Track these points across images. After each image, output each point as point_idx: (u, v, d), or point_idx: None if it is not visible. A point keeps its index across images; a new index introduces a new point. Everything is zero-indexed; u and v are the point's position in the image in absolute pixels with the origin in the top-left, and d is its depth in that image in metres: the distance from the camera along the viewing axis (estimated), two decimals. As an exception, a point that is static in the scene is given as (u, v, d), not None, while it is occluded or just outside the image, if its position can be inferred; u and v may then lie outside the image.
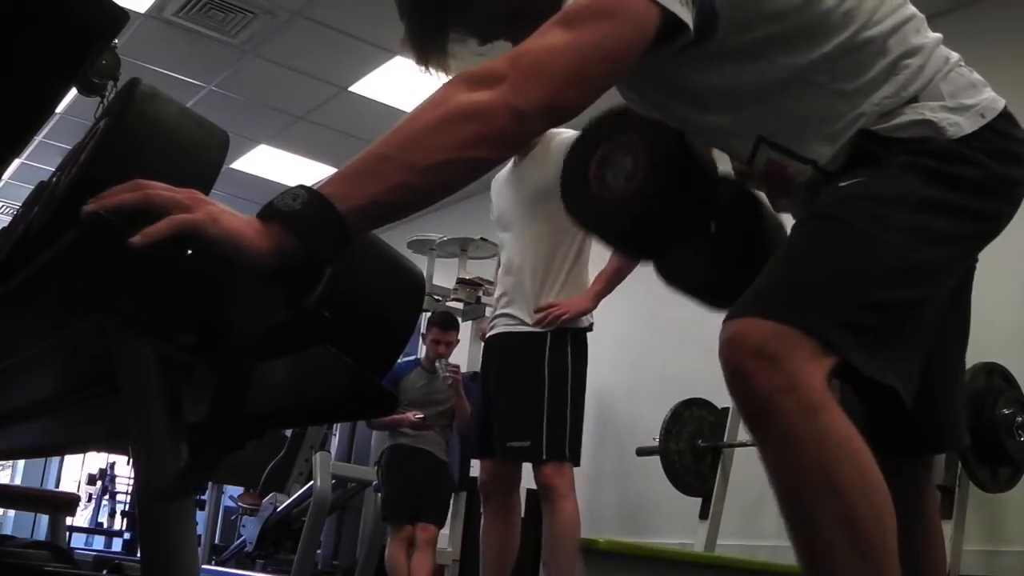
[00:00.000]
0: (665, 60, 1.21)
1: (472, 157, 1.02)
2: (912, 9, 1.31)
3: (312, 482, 4.74)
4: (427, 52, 1.31)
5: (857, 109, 1.23)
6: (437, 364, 4.35)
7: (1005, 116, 1.26)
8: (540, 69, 1.06)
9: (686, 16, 1.14)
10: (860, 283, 1.14)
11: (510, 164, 3.28)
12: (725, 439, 4.20)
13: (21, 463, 10.37)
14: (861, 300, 1.13)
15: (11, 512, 9.17)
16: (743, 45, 1.23)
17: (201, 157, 1.01)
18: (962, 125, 1.21)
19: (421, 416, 4.35)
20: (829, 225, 1.19)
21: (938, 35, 1.31)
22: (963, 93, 1.24)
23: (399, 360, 3.06)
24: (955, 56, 1.30)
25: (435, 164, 0.99)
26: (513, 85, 1.04)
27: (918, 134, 1.21)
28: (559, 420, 3.02)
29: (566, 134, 2.96)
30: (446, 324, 4.45)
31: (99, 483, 9.57)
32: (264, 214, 0.91)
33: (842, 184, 1.21)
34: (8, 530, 8.54)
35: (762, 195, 1.53)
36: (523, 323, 3.11)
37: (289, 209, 0.91)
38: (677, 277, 1.58)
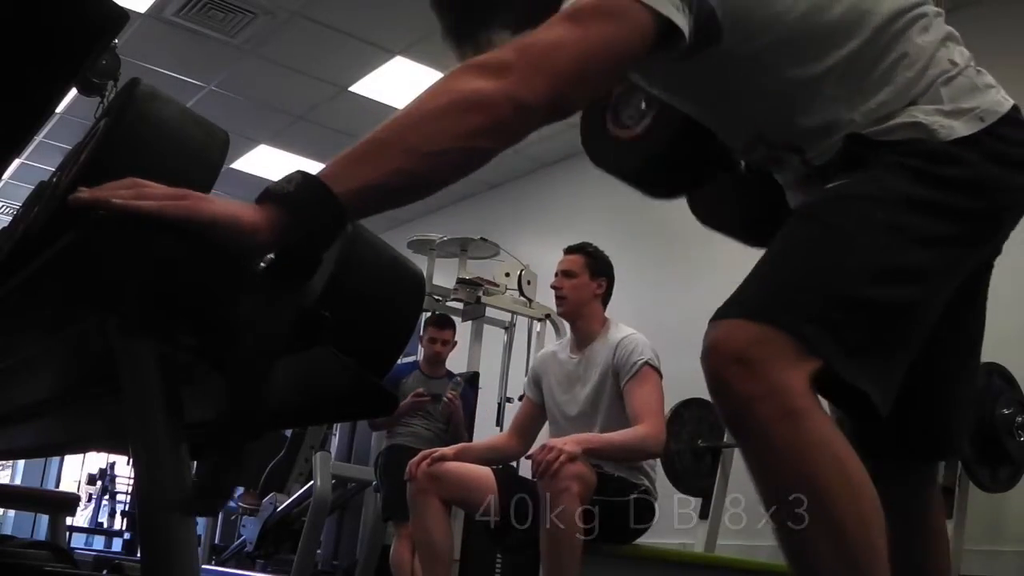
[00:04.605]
0: (668, 64, 1.21)
1: (471, 147, 1.02)
2: (925, 9, 1.26)
3: (312, 482, 4.74)
4: (465, 48, 1.31)
5: (855, 112, 1.21)
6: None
7: (1010, 119, 1.21)
8: (547, 63, 1.06)
9: (680, 21, 1.13)
10: (836, 279, 1.12)
11: (567, 351, 3.08)
12: (725, 439, 4.20)
13: (21, 463, 10.38)
14: (837, 296, 1.10)
15: (11, 512, 9.17)
16: (750, 54, 1.22)
17: (201, 157, 1.01)
18: (955, 128, 1.17)
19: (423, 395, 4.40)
20: (809, 224, 1.19)
21: (948, 29, 1.27)
22: (963, 97, 1.20)
23: (399, 361, 3.07)
24: (964, 57, 1.25)
25: (433, 151, 0.99)
26: (519, 76, 1.03)
27: (907, 136, 1.18)
28: None
29: (628, 335, 2.92)
30: (441, 323, 4.64)
31: (99, 483, 9.59)
32: (259, 198, 0.92)
33: (828, 186, 1.20)
34: (8, 530, 8.53)
35: None
36: None
37: (283, 190, 0.91)
38: (714, 217, 1.57)
